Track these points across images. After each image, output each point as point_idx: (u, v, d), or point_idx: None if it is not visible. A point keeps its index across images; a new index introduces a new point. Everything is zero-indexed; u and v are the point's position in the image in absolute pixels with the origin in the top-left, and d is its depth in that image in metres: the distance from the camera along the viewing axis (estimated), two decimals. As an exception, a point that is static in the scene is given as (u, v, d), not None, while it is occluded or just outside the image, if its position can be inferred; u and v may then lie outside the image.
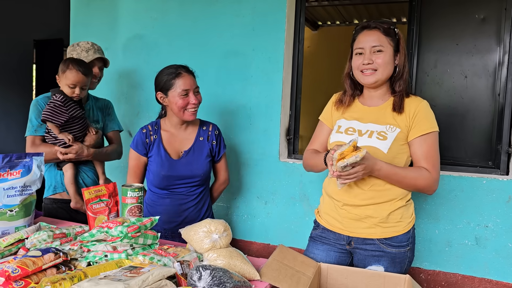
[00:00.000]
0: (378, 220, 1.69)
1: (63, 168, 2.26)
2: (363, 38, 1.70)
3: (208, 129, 2.15)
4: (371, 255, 1.72)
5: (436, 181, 1.67)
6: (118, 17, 3.16)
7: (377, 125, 1.70)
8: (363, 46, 1.69)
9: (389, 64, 1.68)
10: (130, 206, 1.73)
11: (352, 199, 1.71)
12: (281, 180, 2.75)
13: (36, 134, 2.22)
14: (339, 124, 1.81)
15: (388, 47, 1.67)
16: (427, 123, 1.67)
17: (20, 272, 1.25)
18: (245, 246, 2.86)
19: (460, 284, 2.37)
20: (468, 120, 2.50)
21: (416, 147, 1.67)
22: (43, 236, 1.51)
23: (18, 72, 6.32)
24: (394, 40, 1.69)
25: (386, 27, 1.68)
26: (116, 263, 1.34)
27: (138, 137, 2.10)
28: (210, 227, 1.48)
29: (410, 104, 1.69)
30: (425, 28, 2.55)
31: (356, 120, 1.76)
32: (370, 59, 1.67)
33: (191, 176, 2.06)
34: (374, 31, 1.69)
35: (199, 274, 1.24)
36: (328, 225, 1.81)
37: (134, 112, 3.13)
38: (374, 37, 1.67)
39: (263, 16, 2.72)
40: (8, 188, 1.73)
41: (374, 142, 1.66)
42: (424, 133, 1.65)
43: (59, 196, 2.31)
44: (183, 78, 1.99)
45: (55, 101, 2.15)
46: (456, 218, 2.37)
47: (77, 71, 2.14)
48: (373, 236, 1.70)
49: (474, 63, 2.46)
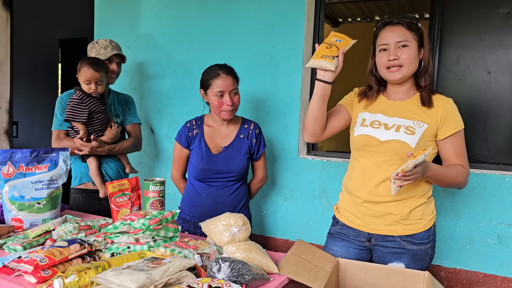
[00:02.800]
0: (399, 217, 1.68)
1: (87, 161, 2.37)
2: (386, 34, 1.68)
3: (249, 128, 2.20)
4: (391, 252, 1.71)
5: (468, 175, 1.71)
6: (140, 15, 3.22)
7: (403, 119, 1.69)
8: (387, 42, 1.67)
9: (415, 59, 1.67)
10: (152, 200, 1.77)
11: (373, 196, 1.70)
12: (300, 176, 2.75)
13: (61, 128, 2.35)
14: (363, 117, 1.78)
15: (412, 42, 1.65)
16: (457, 121, 1.68)
17: (48, 262, 1.30)
18: (264, 242, 2.88)
19: (482, 282, 2.34)
20: (491, 116, 2.45)
21: (448, 145, 1.69)
22: (69, 227, 1.57)
23: (44, 70, 6.50)
24: (417, 35, 1.67)
25: (409, 22, 1.67)
26: (139, 254, 1.39)
27: (182, 131, 2.21)
28: (230, 221, 1.50)
29: (438, 102, 1.69)
30: (447, 23, 2.51)
31: (381, 114, 1.74)
32: (395, 54, 1.65)
33: (228, 171, 2.11)
34: (397, 26, 1.67)
35: (219, 266, 1.27)
36: (348, 222, 1.81)
37: (155, 109, 3.19)
38: (398, 32, 1.66)
39: (282, 13, 2.73)
40: (35, 182, 1.80)
41: (402, 136, 1.65)
42: (455, 132, 1.67)
43: (83, 186, 2.44)
44: (220, 79, 2.04)
45: (74, 99, 2.27)
46: (478, 216, 2.33)
47: (88, 68, 2.25)
48: (394, 233, 1.70)
49: (498, 59, 2.42)
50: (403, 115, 1.70)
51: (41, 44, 6.35)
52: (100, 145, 2.30)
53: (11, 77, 3.84)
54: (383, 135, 1.68)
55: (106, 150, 2.35)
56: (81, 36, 6.18)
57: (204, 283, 1.15)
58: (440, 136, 1.68)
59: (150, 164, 3.23)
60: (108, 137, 2.36)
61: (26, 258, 1.31)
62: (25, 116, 6.12)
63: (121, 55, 2.54)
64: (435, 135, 1.69)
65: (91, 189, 2.42)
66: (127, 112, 2.59)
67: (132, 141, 2.53)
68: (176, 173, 2.31)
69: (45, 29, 6.27)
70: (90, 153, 2.31)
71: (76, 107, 2.25)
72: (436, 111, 1.67)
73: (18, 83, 5.15)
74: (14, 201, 1.75)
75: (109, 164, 2.46)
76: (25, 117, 6.12)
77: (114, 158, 2.50)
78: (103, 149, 2.33)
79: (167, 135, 3.14)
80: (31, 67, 6.18)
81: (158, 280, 1.16)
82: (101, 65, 2.30)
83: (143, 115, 3.17)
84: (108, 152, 2.38)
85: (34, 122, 6.32)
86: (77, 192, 2.43)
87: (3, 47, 3.77)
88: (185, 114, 3.01)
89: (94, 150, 2.30)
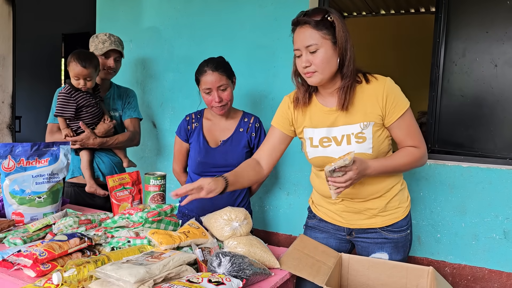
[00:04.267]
0: (377, 211, 1.67)
1: (80, 154, 2.34)
2: (296, 37, 1.52)
3: (249, 121, 2.17)
4: (374, 242, 1.70)
5: (426, 152, 1.61)
6: (142, 9, 3.20)
7: (349, 126, 1.58)
8: (298, 47, 1.52)
9: (330, 60, 1.50)
10: (152, 194, 1.76)
11: (348, 195, 1.65)
12: (303, 171, 2.73)
13: (55, 121, 2.34)
14: (309, 136, 1.67)
15: (324, 42, 1.48)
16: (400, 103, 1.55)
17: (47, 255, 1.29)
18: (267, 237, 2.87)
19: (487, 278, 2.31)
20: (497, 110, 2.41)
21: (397, 129, 1.57)
22: (69, 221, 1.56)
23: (47, 65, 6.50)
24: (330, 31, 1.48)
25: (316, 20, 1.47)
26: (138, 249, 1.37)
27: (181, 124, 2.21)
28: (231, 215, 1.49)
29: (375, 89, 1.55)
30: (453, 16, 2.47)
31: (326, 127, 1.62)
32: (307, 61, 1.50)
33: (225, 165, 2.09)
34: (305, 27, 1.49)
35: (219, 260, 1.25)
36: (327, 217, 1.77)
37: (157, 103, 3.17)
38: (306, 35, 1.48)
39: (285, 6, 2.69)
40: (36, 176, 1.79)
41: (355, 147, 1.56)
42: (401, 114, 1.55)
43: (76, 180, 2.41)
44: (206, 76, 2.02)
45: (62, 93, 2.24)
46: (483, 211, 2.30)
47: (76, 64, 2.20)
48: (374, 226, 1.69)
49: (505, 51, 2.38)
50: (346, 121, 1.58)
51: (45, 39, 6.36)
52: (91, 136, 2.26)
53: (14, 71, 3.84)
54: (337, 151, 1.60)
55: (98, 143, 2.31)
56: (84, 30, 6.17)
57: (203, 277, 1.13)
58: (386, 122, 1.57)
59: (152, 159, 3.22)
60: (99, 130, 2.32)
61: (26, 252, 1.30)
62: (28, 111, 6.13)
63: (119, 51, 2.48)
64: (382, 124, 1.59)
65: (83, 183, 2.37)
66: (126, 106, 2.53)
67: (129, 136, 2.47)
68: (177, 167, 2.30)
69: (48, 24, 6.27)
70: (82, 146, 2.29)
71: (64, 101, 2.21)
72: (376, 98, 1.55)
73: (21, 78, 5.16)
74: (14, 195, 1.75)
75: (103, 158, 2.41)
76: (28, 112, 6.13)
77: (109, 152, 2.45)
78: (95, 141, 2.29)
79: (169, 129, 3.13)
80: (34, 62, 6.19)
81: (158, 274, 1.14)
82: (90, 60, 2.24)
83: (145, 109, 3.15)
84: (101, 146, 2.34)
85: (37, 117, 6.32)
86: (69, 186, 2.41)
87: (6, 42, 3.77)
88: (187, 108, 2.99)
89: (85, 143, 2.26)
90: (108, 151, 2.45)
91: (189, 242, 1.38)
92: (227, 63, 2.11)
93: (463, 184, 2.33)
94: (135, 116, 2.55)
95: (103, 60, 2.40)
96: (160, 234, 1.39)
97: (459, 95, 2.50)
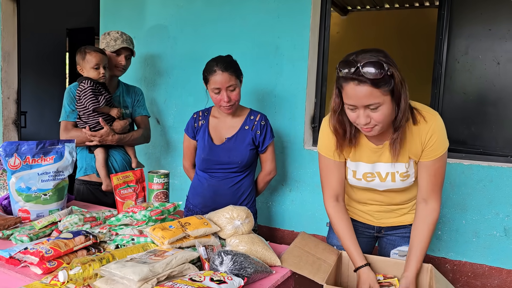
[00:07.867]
0: (408, 209, 1.72)
1: (95, 152, 2.36)
2: (352, 92, 1.36)
3: (255, 119, 2.18)
4: (401, 236, 1.75)
5: (439, 209, 1.57)
6: (145, 5, 3.21)
7: (394, 164, 1.55)
8: (355, 104, 1.38)
9: (390, 113, 1.40)
10: (156, 192, 1.78)
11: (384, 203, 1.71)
12: (305, 167, 2.75)
13: (68, 119, 2.34)
14: (352, 168, 1.62)
15: (385, 99, 1.36)
16: (439, 146, 1.49)
17: (53, 253, 1.32)
18: (270, 233, 2.89)
19: (487, 275, 2.33)
20: (499, 108, 2.42)
21: (424, 169, 1.53)
22: (75, 219, 1.59)
23: (51, 60, 6.52)
24: (388, 83, 1.34)
25: (374, 78, 1.31)
26: (142, 247, 1.40)
27: (189, 122, 2.25)
28: (233, 214, 1.51)
29: (421, 130, 1.49)
30: (456, 13, 2.47)
31: (371, 164, 1.59)
32: (367, 117, 1.39)
33: (228, 162, 2.12)
34: (363, 86, 1.33)
35: (221, 259, 1.28)
36: (357, 217, 1.80)
37: (161, 100, 3.19)
38: (365, 93, 1.33)
39: (288, 2, 2.69)
40: (42, 173, 1.82)
41: (399, 184, 1.59)
42: (435, 158, 1.51)
43: (88, 178, 2.43)
44: (216, 76, 2.01)
45: (88, 87, 2.23)
46: (484, 209, 2.31)
47: (95, 52, 2.27)
48: (405, 223, 1.73)
49: (507, 49, 2.37)
50: (392, 160, 1.54)
51: (49, 34, 6.36)
52: (110, 132, 2.29)
53: (19, 67, 3.87)
54: (381, 185, 1.61)
55: (117, 140, 2.34)
56: (88, 25, 6.19)
57: (206, 276, 1.16)
58: (420, 158, 1.54)
59: (156, 155, 3.24)
60: (117, 127, 2.35)
61: (32, 249, 1.33)
62: (34, 106, 6.16)
63: (131, 49, 2.50)
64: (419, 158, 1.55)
65: (95, 181, 2.41)
66: (136, 103, 2.57)
67: (142, 132, 2.52)
68: (186, 163, 2.35)
69: (52, 19, 6.27)
70: (100, 142, 2.30)
71: (93, 94, 2.23)
72: (419, 139, 1.50)
73: (26, 73, 5.19)
74: (21, 193, 1.78)
75: (116, 157, 2.45)
76: (34, 107, 6.16)
77: (121, 151, 2.48)
78: (114, 138, 2.31)
79: (173, 126, 3.15)
80: (39, 57, 6.20)
81: (161, 272, 1.17)
82: (101, 49, 2.33)
83: (149, 105, 3.17)
84: (118, 142, 2.37)
85: (42, 112, 6.36)
86: (81, 183, 2.42)
87: (11, 38, 3.79)
88: (191, 105, 3.01)
89: (104, 139, 2.29)
90: (121, 149, 2.48)
91: (192, 242, 1.40)
92: (236, 62, 2.11)
93: (464, 181, 2.35)
94: (145, 114, 2.60)
95: (114, 58, 2.43)
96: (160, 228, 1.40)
97: (461, 93, 2.50)
